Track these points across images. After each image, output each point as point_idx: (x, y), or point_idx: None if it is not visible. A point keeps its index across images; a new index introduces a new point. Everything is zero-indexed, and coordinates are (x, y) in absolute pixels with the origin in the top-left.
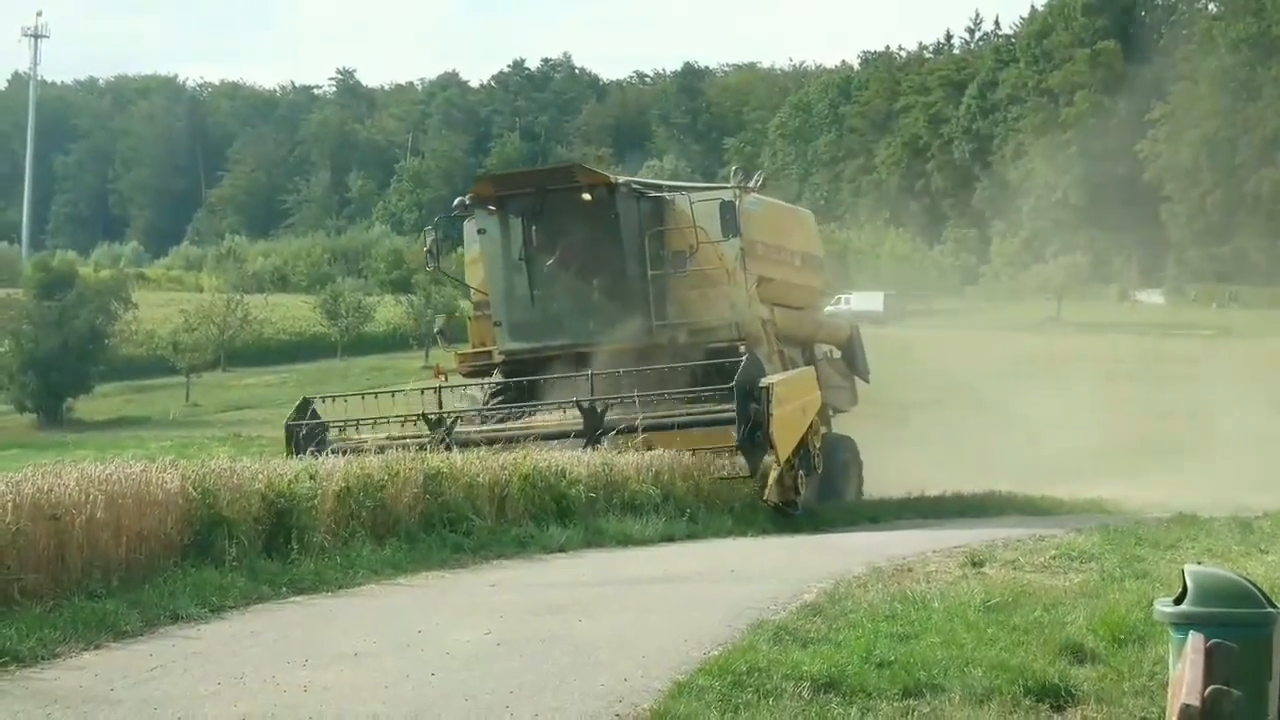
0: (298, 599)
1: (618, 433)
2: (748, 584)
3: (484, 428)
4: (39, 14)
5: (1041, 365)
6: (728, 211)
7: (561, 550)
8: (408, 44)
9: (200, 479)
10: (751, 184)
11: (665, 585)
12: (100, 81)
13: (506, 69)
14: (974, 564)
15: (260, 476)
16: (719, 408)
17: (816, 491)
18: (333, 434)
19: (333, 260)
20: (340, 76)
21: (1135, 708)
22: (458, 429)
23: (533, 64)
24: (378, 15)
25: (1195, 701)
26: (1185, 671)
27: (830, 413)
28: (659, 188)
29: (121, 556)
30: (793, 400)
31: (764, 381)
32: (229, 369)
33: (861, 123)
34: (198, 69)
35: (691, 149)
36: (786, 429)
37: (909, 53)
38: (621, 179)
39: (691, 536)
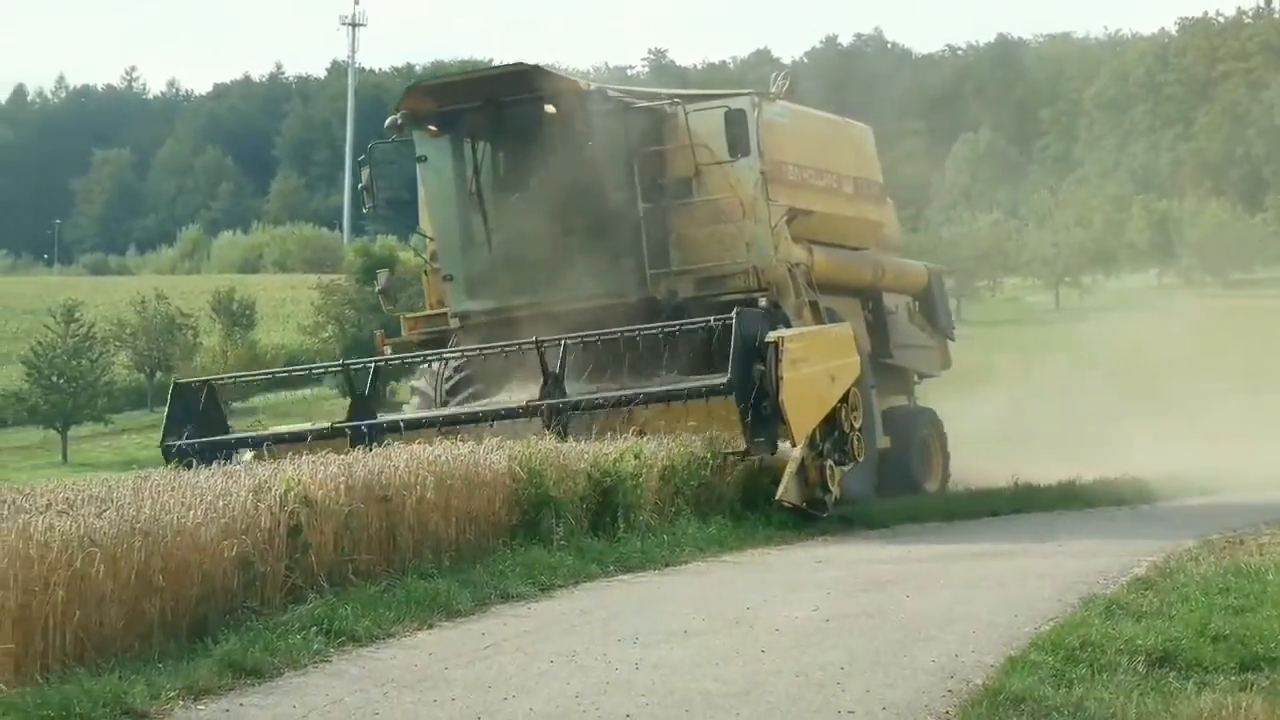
0: (625, 577)
1: (579, 410)
2: (1075, 558)
3: (427, 412)
4: (357, 2)
5: None
6: (735, 123)
7: (885, 526)
8: (720, 21)
9: (527, 459)
10: (774, 88)
11: (991, 560)
12: (417, 67)
13: (819, 44)
14: None
15: (586, 456)
16: (709, 375)
17: (879, 479)
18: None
19: None
20: (652, 56)
21: None
22: (393, 415)
23: (844, 38)
24: None
25: None
26: None
27: (916, 379)
28: (654, 96)
29: (451, 537)
30: (814, 362)
31: (771, 335)
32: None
33: (1179, 90)
34: (511, 52)
35: (1006, 121)
36: (803, 399)
37: (1228, 18)
38: (596, 85)
39: (1016, 510)
